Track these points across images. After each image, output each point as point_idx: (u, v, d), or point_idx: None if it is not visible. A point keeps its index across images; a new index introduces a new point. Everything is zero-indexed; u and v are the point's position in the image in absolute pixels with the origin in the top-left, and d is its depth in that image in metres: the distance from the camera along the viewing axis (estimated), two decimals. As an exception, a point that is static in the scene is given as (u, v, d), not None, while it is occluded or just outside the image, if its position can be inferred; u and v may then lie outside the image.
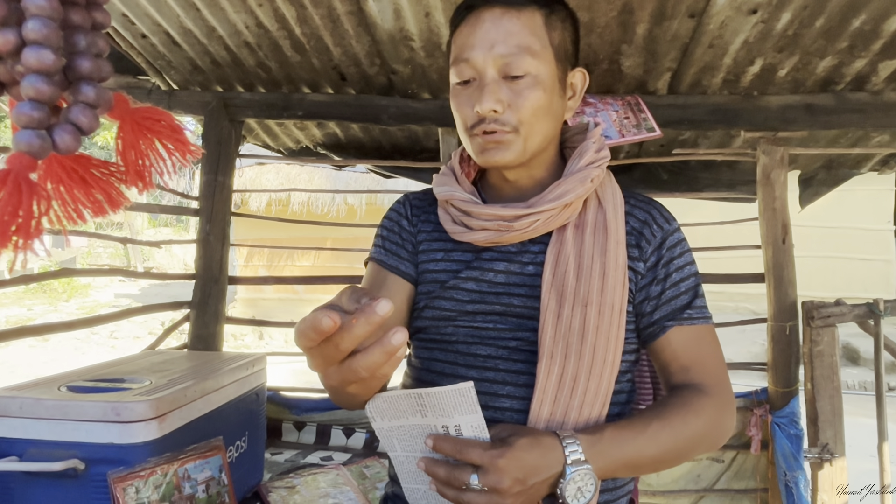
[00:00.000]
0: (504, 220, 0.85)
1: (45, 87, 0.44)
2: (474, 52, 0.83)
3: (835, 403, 1.79)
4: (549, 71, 0.84)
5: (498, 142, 0.84)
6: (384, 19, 1.71)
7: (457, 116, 0.89)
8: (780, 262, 1.93)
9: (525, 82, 0.83)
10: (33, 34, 0.44)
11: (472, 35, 0.84)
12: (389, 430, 0.74)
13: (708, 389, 0.84)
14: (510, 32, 0.82)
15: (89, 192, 0.47)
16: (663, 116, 1.96)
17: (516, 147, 0.85)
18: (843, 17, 1.59)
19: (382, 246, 0.98)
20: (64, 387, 1.32)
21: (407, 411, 0.71)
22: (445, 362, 0.89)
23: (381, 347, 0.53)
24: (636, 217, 0.91)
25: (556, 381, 0.81)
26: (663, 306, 0.87)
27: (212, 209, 2.11)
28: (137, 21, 1.84)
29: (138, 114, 0.51)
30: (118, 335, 8.14)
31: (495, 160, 0.85)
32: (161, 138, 0.52)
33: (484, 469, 0.68)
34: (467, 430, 0.70)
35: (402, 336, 0.52)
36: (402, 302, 0.94)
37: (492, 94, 0.82)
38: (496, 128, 0.83)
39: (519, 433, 0.72)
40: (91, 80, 0.48)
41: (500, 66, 0.83)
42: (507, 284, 0.88)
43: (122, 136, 0.51)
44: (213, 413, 1.44)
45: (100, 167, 0.49)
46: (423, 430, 0.72)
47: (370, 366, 0.54)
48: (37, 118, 0.45)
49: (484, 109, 0.82)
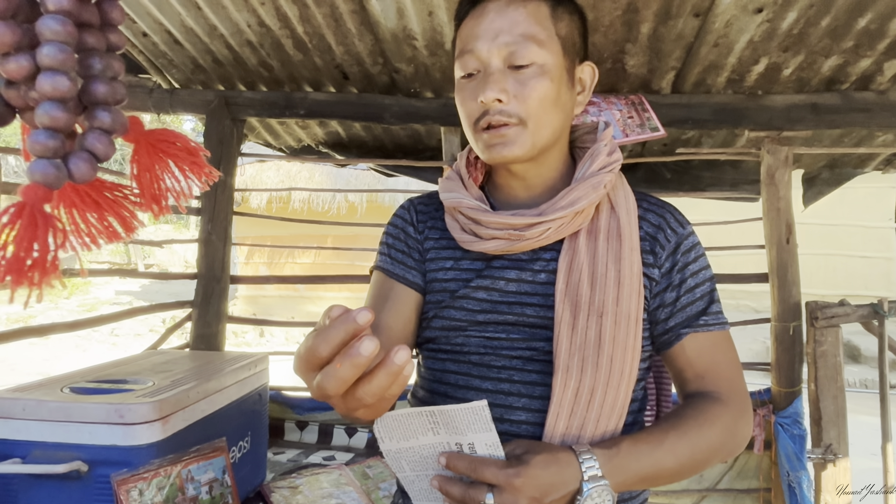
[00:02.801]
0: (515, 229, 0.83)
1: (61, 114, 0.43)
2: (478, 42, 0.81)
3: (838, 404, 1.79)
4: (555, 61, 0.82)
5: (504, 136, 0.81)
6: (387, 18, 1.71)
7: (461, 112, 0.86)
8: (784, 262, 1.93)
9: (531, 71, 0.80)
10: (48, 60, 0.42)
11: (476, 27, 0.82)
12: (398, 452, 0.72)
13: (723, 397, 0.82)
14: (515, 22, 0.80)
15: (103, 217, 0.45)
16: (667, 116, 1.95)
17: (524, 141, 0.82)
18: (848, 16, 1.58)
19: (388, 255, 0.95)
20: (67, 388, 1.31)
21: (418, 430, 0.69)
22: (458, 373, 0.87)
23: (385, 371, 0.50)
24: (650, 221, 0.88)
25: (572, 394, 0.79)
26: (678, 313, 0.85)
27: (213, 208, 2.11)
28: (139, 19, 1.83)
29: (153, 136, 0.50)
30: (119, 332, 8.15)
31: (503, 155, 0.82)
32: (177, 161, 0.51)
33: (500, 488, 0.67)
34: (481, 448, 0.69)
35: (405, 355, 0.50)
36: (411, 312, 0.91)
37: (496, 83, 0.79)
38: (502, 119, 0.80)
39: (534, 450, 0.71)
40: (107, 105, 0.47)
41: (504, 55, 0.80)
42: (519, 294, 0.85)
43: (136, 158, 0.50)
44: (215, 414, 1.43)
45: (113, 190, 0.47)
46: (436, 447, 0.71)
47: (375, 392, 0.51)
48: (52, 147, 0.43)
49: (488, 99, 0.79)
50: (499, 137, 0.82)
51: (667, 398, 1.45)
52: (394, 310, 0.90)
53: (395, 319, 0.89)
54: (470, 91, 0.83)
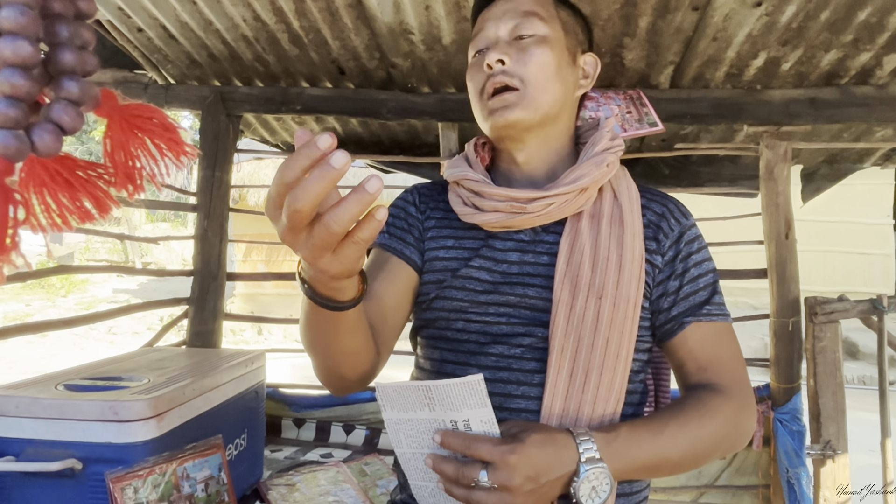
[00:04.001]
0: (517, 202, 0.84)
1: (23, 81, 0.41)
2: (489, 23, 0.89)
3: (837, 400, 1.78)
4: (556, 35, 0.88)
5: (506, 100, 0.85)
6: (384, 12, 1.69)
7: (471, 86, 0.91)
8: (783, 257, 1.92)
9: (532, 40, 0.87)
10: (8, 23, 0.40)
11: (488, 13, 0.91)
12: (398, 423, 0.73)
13: (726, 390, 0.81)
14: (521, 3, 0.89)
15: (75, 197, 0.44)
16: (666, 111, 1.94)
17: (525, 104, 0.85)
18: (848, 9, 1.57)
19: (387, 231, 0.95)
20: (61, 385, 1.30)
21: (415, 404, 0.69)
22: (456, 363, 0.86)
23: (355, 196, 0.46)
24: (653, 210, 0.89)
25: (566, 374, 0.79)
26: (681, 302, 0.85)
27: (210, 205, 2.09)
28: (133, 14, 1.81)
29: (128, 111, 0.48)
30: (116, 331, 8.13)
31: (505, 118, 0.85)
32: (153, 137, 0.49)
33: (494, 466, 0.66)
34: (476, 424, 0.69)
35: (377, 183, 0.46)
36: (404, 286, 0.90)
37: (499, 48, 0.87)
38: (504, 80, 0.85)
39: (530, 429, 0.70)
40: (74, 75, 0.45)
41: (509, 28, 0.88)
42: (522, 275, 0.86)
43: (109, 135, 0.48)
44: (212, 411, 1.42)
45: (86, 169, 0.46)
46: (431, 424, 0.71)
47: (343, 218, 0.47)
48: (13, 117, 0.41)
49: (491, 59, 0.85)
50: (501, 101, 0.85)
51: (665, 391, 1.44)
52: (387, 280, 0.89)
53: (386, 289, 0.88)
54: (477, 64, 0.89)
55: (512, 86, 0.85)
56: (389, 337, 0.88)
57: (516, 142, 0.90)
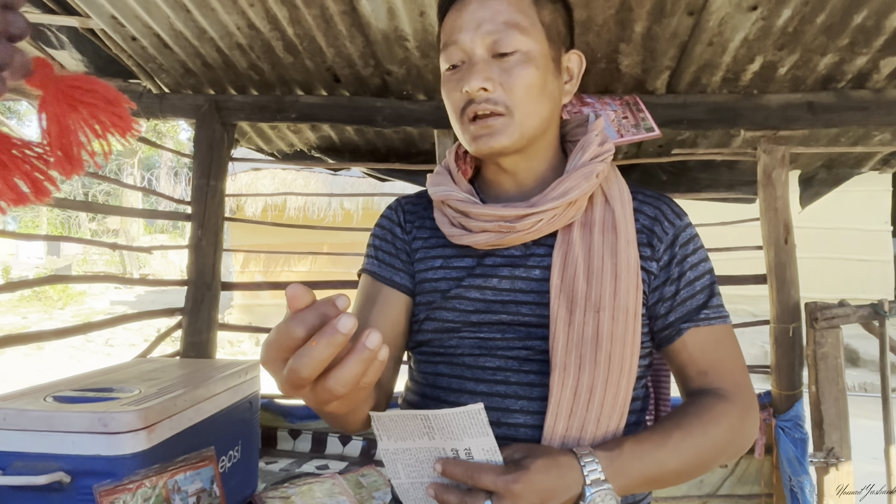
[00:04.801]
0: (505, 221, 0.80)
1: None
2: (462, 33, 0.80)
3: (840, 406, 1.76)
4: (540, 49, 0.81)
5: (490, 126, 0.80)
6: (378, 19, 1.68)
7: (448, 104, 0.85)
8: (782, 262, 1.90)
9: (515, 59, 0.79)
10: None
11: (458, 18, 0.81)
12: (395, 454, 0.70)
13: (728, 394, 0.79)
14: (497, 11, 0.79)
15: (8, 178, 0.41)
16: (662, 116, 1.93)
17: (511, 131, 0.80)
18: (844, 13, 1.56)
19: (375, 256, 0.93)
20: (50, 397, 1.28)
21: (413, 433, 0.67)
22: (451, 376, 0.83)
23: (356, 356, 0.47)
24: (646, 214, 0.85)
25: (570, 393, 0.75)
26: (678, 307, 0.82)
27: (204, 214, 2.08)
28: (127, 23, 1.80)
29: (65, 82, 0.45)
30: (113, 342, 8.09)
31: (490, 146, 0.80)
32: (94, 111, 0.46)
33: (498, 495, 0.64)
34: (478, 453, 0.66)
35: (376, 338, 0.46)
36: (399, 315, 0.88)
37: (480, 72, 0.78)
38: (488, 108, 0.79)
39: (533, 454, 0.68)
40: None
41: (488, 44, 0.79)
42: (514, 291, 0.82)
43: (44, 108, 0.44)
44: (204, 422, 1.40)
45: (22, 148, 0.43)
46: (431, 453, 0.68)
47: (347, 380, 0.47)
48: None
49: (472, 88, 0.78)
50: (485, 128, 0.80)
51: (665, 397, 1.42)
52: (381, 313, 0.87)
53: (382, 323, 0.86)
54: (455, 82, 0.82)
55: (496, 112, 0.79)
56: (392, 369, 0.87)
57: (501, 163, 0.86)
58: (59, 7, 1.82)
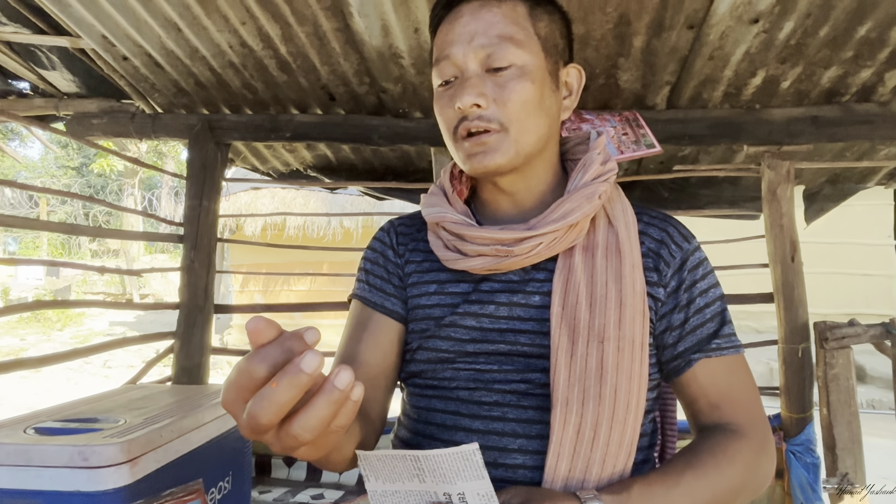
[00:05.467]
0: (502, 244, 0.75)
1: None
2: (454, 47, 0.76)
3: (853, 429, 1.70)
4: (536, 62, 0.76)
5: (485, 143, 0.75)
6: (372, 36, 1.65)
7: (440, 121, 0.80)
8: (789, 280, 1.85)
9: (510, 73, 0.75)
10: None
11: (450, 31, 0.77)
12: (384, 496, 0.65)
13: (742, 430, 0.74)
14: (490, 23, 0.75)
15: None
16: (663, 132, 1.89)
17: (507, 148, 0.75)
18: (848, 25, 1.53)
19: (366, 281, 0.88)
20: (31, 429, 1.23)
21: (403, 474, 0.62)
22: (446, 412, 0.78)
23: (324, 397, 0.41)
24: (651, 236, 0.80)
25: (573, 432, 0.70)
26: (688, 336, 0.77)
27: (196, 235, 2.03)
28: (118, 42, 1.78)
29: None
30: (112, 364, 8.01)
31: (485, 165, 0.76)
32: None
33: None
34: (473, 498, 0.61)
35: (347, 376, 0.41)
36: (391, 343, 0.83)
37: (473, 87, 0.74)
38: (481, 125, 0.74)
39: (534, 499, 0.63)
40: None
41: (481, 58, 0.75)
42: (511, 319, 0.77)
43: None
44: (192, 454, 1.34)
45: None
46: (422, 497, 0.63)
47: (314, 425, 0.42)
48: None
49: (465, 104, 0.73)
50: (480, 146, 0.75)
51: (672, 421, 1.36)
52: (371, 341, 0.82)
53: (372, 353, 0.82)
54: (447, 98, 0.78)
55: (490, 129, 0.75)
56: (382, 401, 0.82)
57: (500, 177, 0.81)
58: (50, 27, 1.79)
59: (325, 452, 0.53)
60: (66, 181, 20.75)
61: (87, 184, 21.48)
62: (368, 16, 1.57)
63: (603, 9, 1.51)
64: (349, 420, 0.45)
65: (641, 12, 1.52)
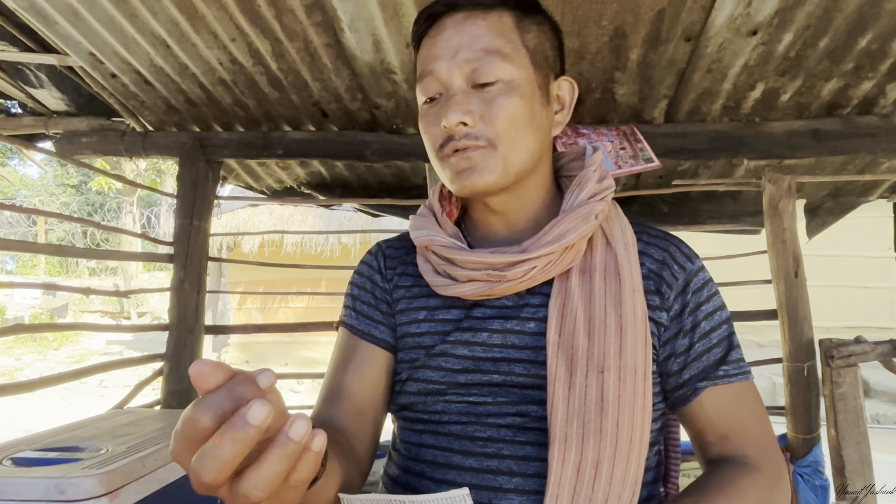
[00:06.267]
0: (494, 269, 0.71)
1: None
2: (437, 63, 0.73)
3: (862, 450, 1.64)
4: (525, 76, 0.72)
5: (470, 159, 0.71)
6: (363, 51, 1.62)
7: (426, 141, 0.76)
8: (793, 297, 1.80)
9: (497, 89, 0.71)
10: None
11: (433, 46, 0.74)
12: None
13: (754, 463, 0.69)
14: (475, 36, 0.71)
15: None
16: (661, 146, 1.86)
17: (495, 166, 0.71)
18: (848, 36, 1.50)
19: (353, 307, 0.84)
20: (8, 459, 1.18)
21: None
22: (437, 448, 0.73)
23: (277, 451, 0.37)
24: (652, 257, 0.76)
25: (573, 470, 0.65)
26: (693, 363, 0.73)
27: (187, 255, 1.99)
28: (106, 60, 1.75)
29: None
30: (107, 384, 7.92)
31: (473, 184, 0.71)
32: None
33: None
34: None
35: (302, 427, 0.37)
36: (378, 374, 0.79)
37: (458, 105, 0.70)
38: (468, 143, 0.70)
39: None
40: None
41: (466, 73, 0.71)
42: (506, 347, 0.73)
43: None
44: (177, 483, 1.29)
45: None
46: None
47: (267, 482, 0.37)
48: None
49: (451, 122, 0.70)
50: (466, 161, 0.71)
51: (675, 449, 1.32)
52: (358, 372, 0.78)
53: (360, 384, 0.77)
54: (432, 117, 0.74)
55: (479, 146, 0.71)
56: (370, 435, 0.77)
57: (489, 202, 0.78)
58: (37, 45, 1.76)
59: None
60: (64, 199, 20.73)
61: (87, 201, 21.49)
62: (359, 31, 1.54)
63: (598, 22, 1.48)
64: (311, 473, 0.40)
65: (637, 25, 1.49)
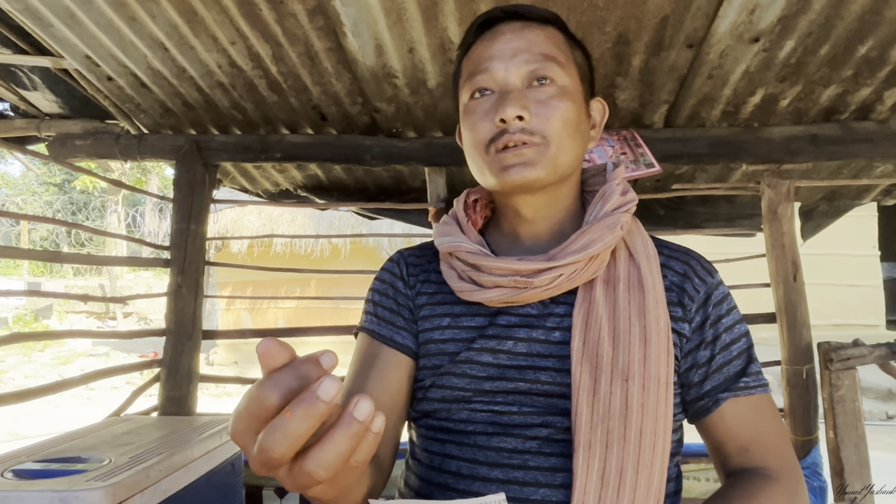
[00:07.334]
0: (521, 276, 0.72)
1: None
2: (494, 62, 0.75)
3: (861, 453, 1.66)
4: (575, 85, 0.76)
5: (522, 155, 0.72)
6: (365, 55, 1.61)
7: (470, 136, 0.77)
8: (792, 301, 1.82)
9: (553, 90, 0.74)
10: None
11: (490, 48, 0.76)
12: None
13: (774, 474, 0.70)
14: (534, 42, 0.75)
15: None
16: (661, 151, 1.87)
17: (546, 162, 0.73)
18: (848, 44, 1.51)
19: (374, 314, 0.83)
20: (9, 472, 1.16)
21: None
22: (462, 459, 0.72)
23: (342, 430, 0.37)
24: (674, 270, 0.77)
25: (597, 477, 0.65)
26: (714, 374, 0.74)
27: (184, 259, 1.97)
28: (102, 62, 1.72)
29: None
30: (94, 386, 7.83)
31: (523, 176, 0.72)
32: None
33: None
34: None
35: (367, 406, 0.37)
36: (400, 380, 0.78)
37: (517, 100, 0.72)
38: (523, 138, 0.72)
39: None
40: None
41: (524, 74, 0.74)
42: (531, 356, 0.73)
43: None
44: (181, 493, 1.28)
45: None
46: None
47: (332, 461, 0.37)
48: None
49: (509, 115, 0.71)
50: (517, 156, 0.72)
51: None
52: (379, 378, 0.77)
53: (381, 390, 0.77)
54: (483, 112, 0.75)
55: (532, 142, 0.73)
56: (392, 442, 0.77)
57: (527, 196, 0.78)
58: (31, 47, 1.74)
59: (341, 491, 0.48)
60: (48, 198, 20.45)
61: (70, 200, 21.20)
62: (362, 35, 1.53)
63: (602, 28, 1.48)
64: (370, 454, 0.40)
65: (641, 31, 1.49)
